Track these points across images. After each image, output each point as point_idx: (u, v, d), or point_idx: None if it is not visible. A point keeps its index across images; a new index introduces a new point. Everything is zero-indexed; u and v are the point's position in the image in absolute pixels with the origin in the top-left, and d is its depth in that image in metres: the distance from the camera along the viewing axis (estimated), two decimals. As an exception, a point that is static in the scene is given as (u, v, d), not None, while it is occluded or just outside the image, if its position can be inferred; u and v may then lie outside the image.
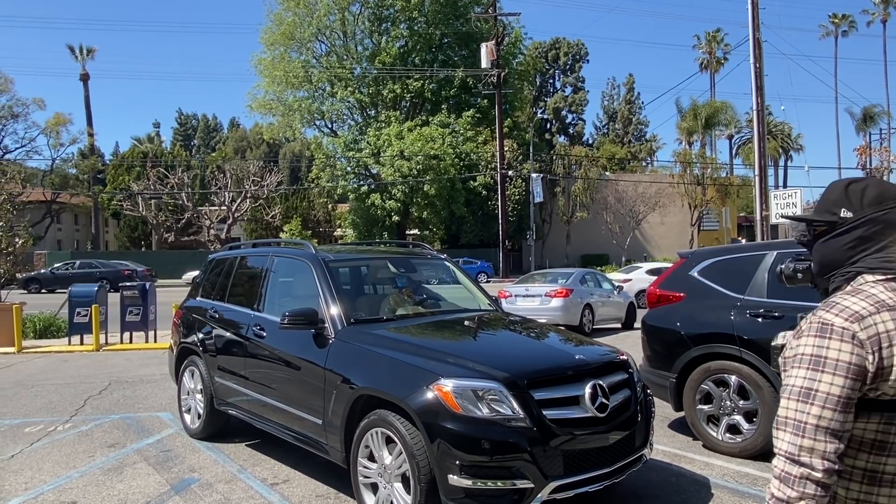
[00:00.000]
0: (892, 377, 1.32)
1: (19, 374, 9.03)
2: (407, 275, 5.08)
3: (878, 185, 1.46)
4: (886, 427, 1.35)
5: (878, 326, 1.33)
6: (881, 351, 1.31)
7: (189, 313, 5.85)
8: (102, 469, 4.82)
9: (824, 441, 1.30)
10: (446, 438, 3.24)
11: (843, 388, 1.30)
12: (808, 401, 1.32)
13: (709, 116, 45.75)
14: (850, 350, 1.31)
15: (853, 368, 1.31)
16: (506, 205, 33.40)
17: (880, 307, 1.35)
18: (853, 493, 1.39)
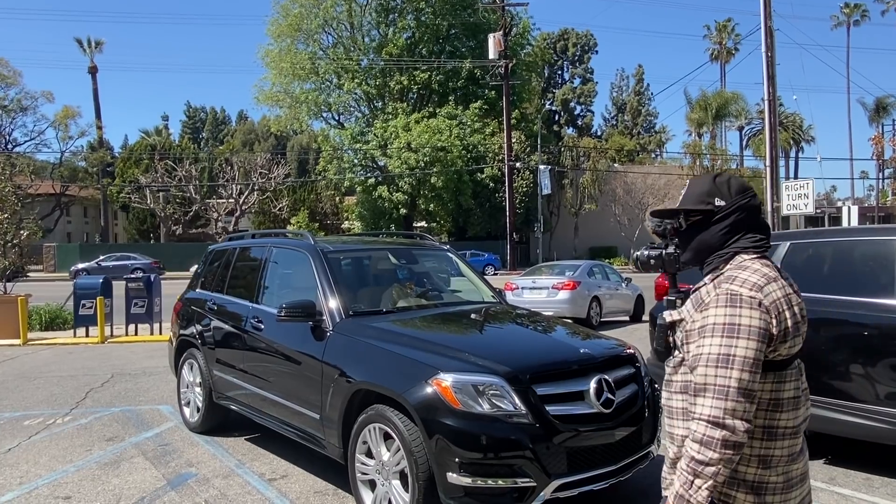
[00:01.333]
0: (787, 341, 1.51)
1: (23, 367, 9.00)
2: (408, 266, 4.96)
3: (737, 178, 1.68)
4: (778, 385, 1.53)
5: (773, 294, 1.51)
6: (780, 315, 1.49)
7: (188, 305, 5.76)
8: (99, 463, 4.75)
9: (744, 402, 1.43)
10: (445, 435, 3.13)
11: (757, 350, 1.45)
12: (727, 366, 1.43)
13: (719, 107, 45.27)
14: (758, 316, 1.46)
15: (763, 333, 1.46)
16: (513, 197, 33.21)
17: (769, 279, 1.53)
18: (756, 449, 1.53)
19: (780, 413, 1.54)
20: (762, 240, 1.63)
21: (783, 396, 1.54)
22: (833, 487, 4.09)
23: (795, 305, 1.56)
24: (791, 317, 1.53)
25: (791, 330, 1.52)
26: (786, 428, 1.55)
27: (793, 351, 1.55)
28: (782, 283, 1.56)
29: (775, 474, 1.55)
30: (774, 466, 1.54)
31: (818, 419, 4.37)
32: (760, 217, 1.67)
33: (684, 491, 1.47)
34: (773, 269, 1.59)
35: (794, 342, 1.54)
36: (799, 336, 1.56)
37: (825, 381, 4.34)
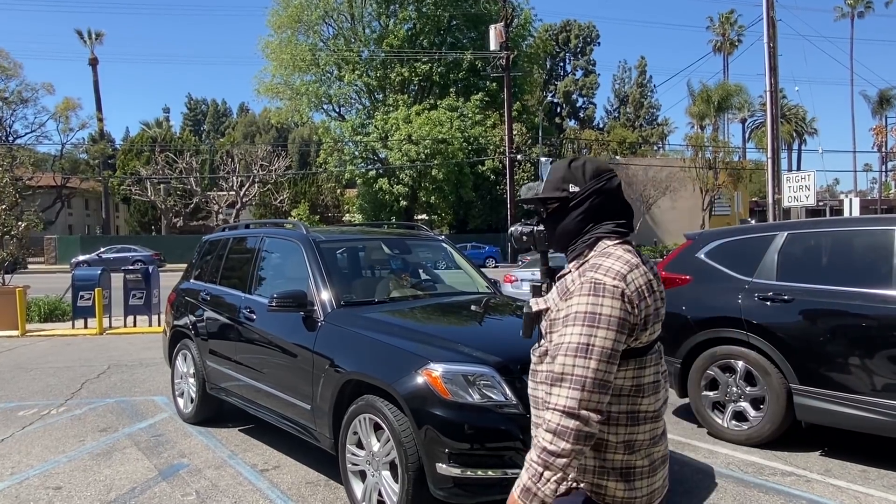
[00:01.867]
0: (647, 328, 1.50)
1: (20, 358, 9.00)
2: (402, 256, 4.92)
3: (593, 161, 1.64)
4: (640, 371, 1.53)
5: (636, 283, 1.48)
6: (641, 303, 1.47)
7: (182, 296, 5.73)
8: (91, 454, 4.73)
9: (599, 394, 1.41)
10: (434, 425, 3.09)
11: (615, 341, 1.43)
12: (586, 356, 1.41)
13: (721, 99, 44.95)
14: (619, 306, 1.43)
15: (623, 323, 1.43)
16: (514, 189, 33.08)
17: (631, 266, 1.50)
18: (621, 435, 1.53)
19: (642, 398, 1.55)
20: (624, 224, 1.61)
21: (644, 382, 1.55)
22: (828, 479, 4.06)
23: (657, 291, 1.56)
24: (652, 303, 1.52)
25: (651, 317, 1.52)
26: (647, 412, 1.56)
27: (653, 337, 1.55)
28: (644, 269, 1.55)
29: (640, 458, 1.55)
30: (639, 450, 1.55)
31: (815, 410, 4.34)
32: (622, 200, 1.63)
33: (532, 483, 1.42)
34: (635, 254, 1.57)
35: (654, 328, 1.54)
36: (659, 322, 1.57)
37: (822, 373, 4.30)
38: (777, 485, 3.98)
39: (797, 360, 4.42)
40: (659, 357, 1.61)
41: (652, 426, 1.57)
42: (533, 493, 1.42)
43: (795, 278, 4.57)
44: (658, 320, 1.56)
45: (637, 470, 1.55)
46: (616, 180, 1.62)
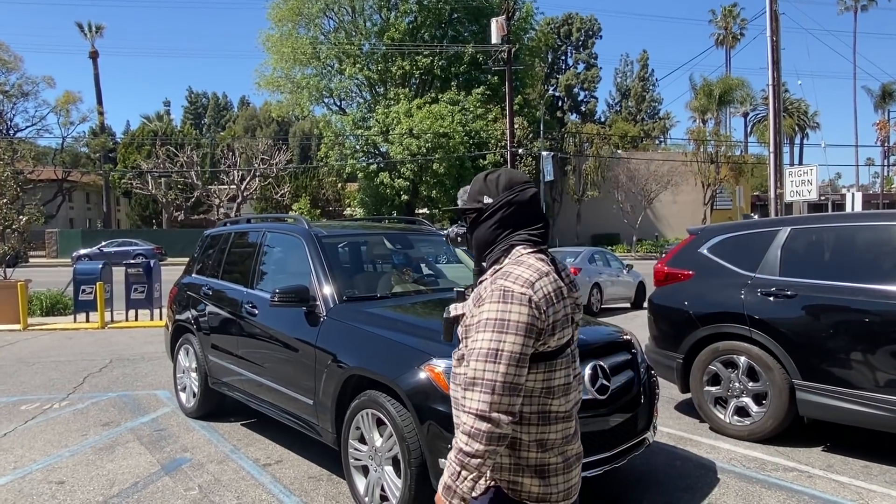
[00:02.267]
0: (556, 333, 1.56)
1: (22, 352, 9.01)
2: (404, 251, 4.91)
3: (508, 174, 1.71)
4: (550, 374, 1.59)
5: (544, 290, 1.54)
6: (548, 310, 1.53)
7: (183, 290, 5.73)
8: (94, 448, 4.74)
9: (509, 396, 1.47)
10: (437, 421, 3.09)
11: (524, 346, 1.49)
12: (495, 360, 1.47)
13: (723, 93, 44.81)
14: (527, 312, 1.49)
15: (530, 328, 1.49)
16: (515, 183, 32.97)
17: (541, 274, 1.57)
18: (532, 434, 1.59)
19: (553, 399, 1.61)
20: (538, 233, 1.67)
21: (554, 384, 1.61)
22: (831, 475, 4.06)
23: (567, 298, 1.63)
24: (561, 310, 1.58)
25: (560, 323, 1.58)
26: (558, 412, 1.63)
27: (562, 342, 1.60)
28: (554, 277, 1.61)
29: (554, 456, 1.62)
30: (551, 448, 1.62)
31: (818, 406, 4.34)
32: (535, 210, 1.70)
33: (451, 482, 1.52)
34: (547, 263, 1.64)
35: (563, 334, 1.60)
36: (568, 327, 1.62)
37: (824, 369, 4.30)
38: (780, 480, 3.98)
39: (800, 355, 4.41)
40: (571, 360, 1.66)
41: (564, 426, 1.64)
42: (453, 490, 1.52)
43: (798, 274, 4.56)
44: (567, 326, 1.61)
45: (551, 467, 1.62)
46: (529, 192, 1.69)
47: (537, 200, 1.71)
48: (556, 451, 1.62)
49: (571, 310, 1.64)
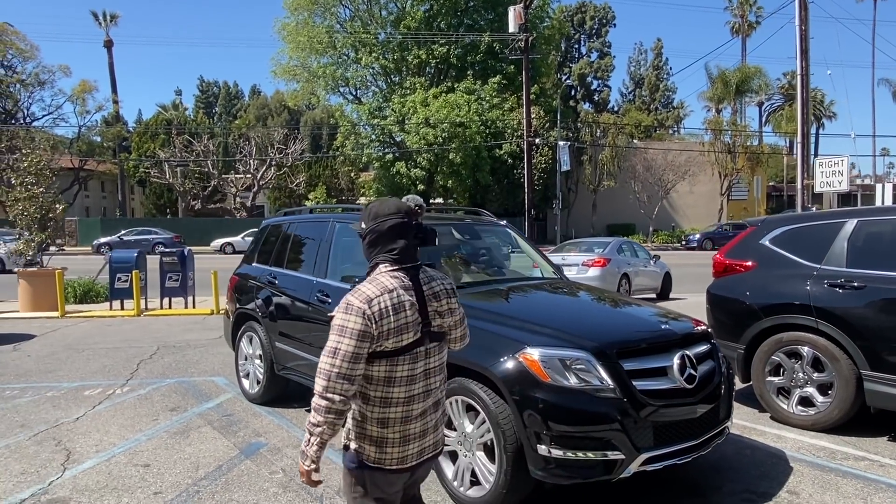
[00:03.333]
0: (390, 338, 1.98)
1: (67, 338, 9.16)
2: (471, 241, 4.96)
3: (378, 206, 2.14)
4: (391, 368, 2.02)
5: (379, 304, 1.97)
6: (381, 321, 1.96)
7: (246, 279, 5.82)
8: (168, 432, 4.86)
9: (342, 383, 1.94)
10: (535, 408, 3.16)
11: (355, 347, 1.94)
12: (333, 357, 1.95)
13: (740, 83, 44.38)
14: (361, 322, 1.94)
15: (363, 334, 1.94)
16: (532, 173, 32.95)
17: (384, 291, 2.00)
18: (376, 413, 2.05)
19: (393, 387, 2.04)
20: (397, 252, 2.08)
21: (396, 375, 2.03)
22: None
23: (408, 311, 2.02)
24: (395, 321, 1.99)
25: (394, 331, 1.99)
26: (398, 398, 2.05)
27: (400, 344, 2.01)
28: (399, 293, 2.02)
29: (392, 432, 2.06)
30: (391, 426, 2.06)
31: (887, 397, 4.38)
32: (395, 236, 2.09)
33: (304, 447, 2.00)
34: (397, 278, 2.05)
35: (402, 338, 2.01)
36: (407, 333, 2.02)
37: (894, 359, 4.33)
38: (853, 469, 4.04)
39: (868, 346, 4.44)
40: (417, 358, 2.07)
41: (404, 409, 2.06)
42: (305, 453, 2.00)
43: (866, 265, 4.59)
44: (405, 333, 2.02)
45: (388, 440, 2.06)
46: (389, 223, 2.09)
47: (397, 228, 2.08)
48: (396, 428, 2.06)
49: (410, 321, 2.02)
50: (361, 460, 2.08)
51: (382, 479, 2.09)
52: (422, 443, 2.14)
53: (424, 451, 2.15)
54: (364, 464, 2.08)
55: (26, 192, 11.91)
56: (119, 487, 3.84)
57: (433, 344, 2.13)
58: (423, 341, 2.09)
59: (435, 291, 2.14)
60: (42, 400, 5.79)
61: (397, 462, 2.08)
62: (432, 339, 2.12)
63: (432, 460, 2.22)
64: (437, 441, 2.22)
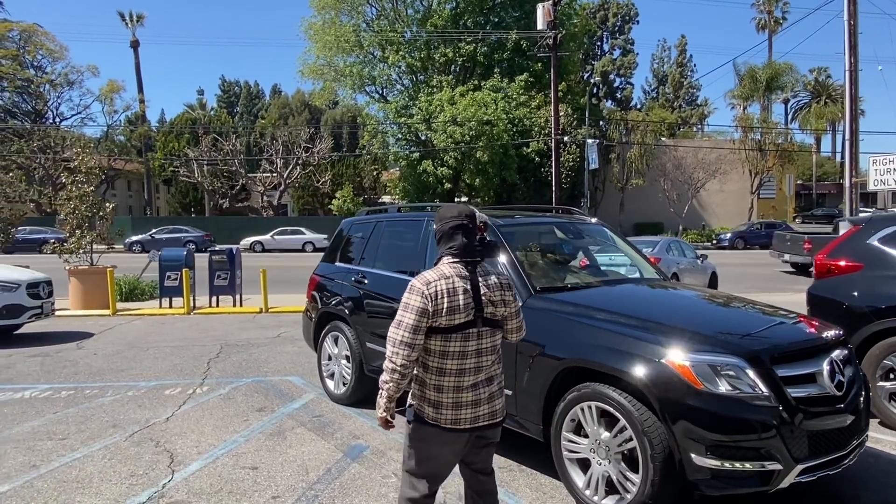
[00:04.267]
0: (443, 316, 2.37)
1: (126, 336, 9.18)
2: (573, 241, 4.84)
3: (444, 211, 2.60)
4: (444, 343, 2.41)
5: (436, 287, 2.39)
6: (436, 301, 2.37)
7: (329, 279, 5.74)
8: (264, 433, 4.79)
9: (405, 349, 2.36)
10: (688, 416, 3.03)
11: (415, 320, 2.35)
12: (398, 328, 2.38)
13: (769, 79, 43.73)
14: (420, 300, 2.36)
15: (421, 310, 2.35)
16: (559, 171, 32.68)
17: (441, 277, 2.42)
18: (433, 380, 2.44)
19: (447, 360, 2.43)
20: (456, 248, 2.50)
21: (449, 349, 2.42)
22: None
23: (460, 295, 2.41)
24: (448, 302, 2.38)
25: (447, 310, 2.38)
26: (451, 369, 2.44)
27: (452, 323, 2.40)
28: (454, 280, 2.43)
29: (446, 397, 2.45)
30: (445, 393, 2.45)
31: None
32: (458, 234, 2.51)
33: (378, 399, 2.48)
34: (455, 268, 2.46)
35: (453, 318, 2.39)
36: (459, 314, 2.40)
37: None
38: None
39: None
40: (469, 337, 2.43)
41: (456, 379, 2.44)
42: (378, 404, 2.48)
43: None
44: (457, 314, 2.39)
45: (443, 404, 2.45)
46: (450, 224, 2.54)
47: (458, 229, 2.51)
48: (448, 395, 2.45)
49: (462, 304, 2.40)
50: (421, 417, 2.49)
51: (438, 435, 2.47)
52: (475, 411, 2.48)
53: (479, 418, 2.49)
54: (423, 420, 2.48)
55: (77, 190, 12.00)
56: (235, 491, 3.77)
57: (485, 328, 2.49)
58: (476, 324, 2.45)
59: (489, 284, 2.51)
60: (125, 399, 5.77)
61: (451, 423, 2.45)
62: (485, 324, 2.48)
63: (488, 428, 2.53)
64: (493, 412, 2.54)
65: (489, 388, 2.51)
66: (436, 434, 2.45)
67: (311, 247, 32.20)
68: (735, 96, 45.05)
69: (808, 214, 44.48)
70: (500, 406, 2.57)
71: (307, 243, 32.39)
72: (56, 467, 4.14)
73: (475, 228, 2.55)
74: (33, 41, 45.25)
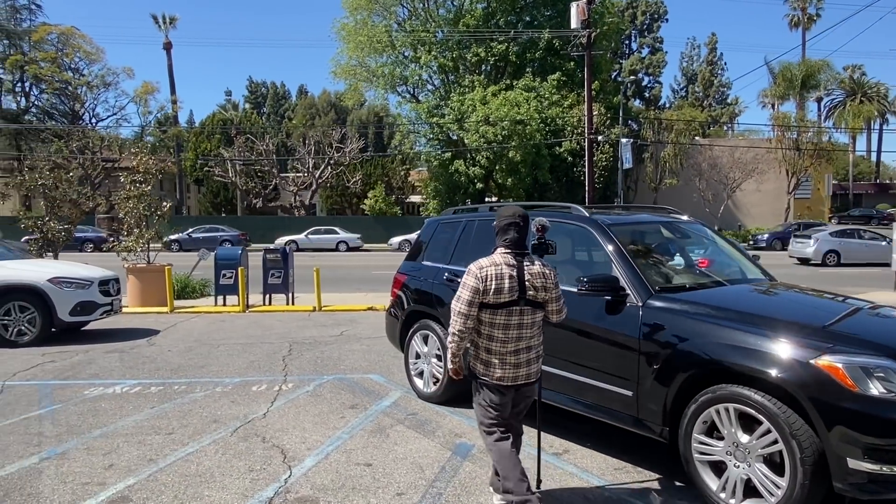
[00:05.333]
0: (490, 295, 3.11)
1: (192, 333, 9.31)
2: (680, 240, 4.79)
3: (501, 211, 3.34)
4: (492, 316, 3.16)
5: (487, 271, 3.13)
6: (486, 282, 3.10)
7: (417, 278, 5.75)
8: (366, 430, 4.82)
9: (462, 318, 3.15)
10: (844, 419, 2.97)
11: (470, 296, 3.12)
12: (457, 301, 3.15)
13: (805, 77, 42.96)
14: (474, 280, 3.12)
15: (475, 289, 3.11)
16: (593, 171, 32.44)
17: (492, 264, 3.16)
18: (483, 344, 3.23)
19: (495, 330, 3.19)
20: (508, 241, 3.23)
21: (496, 322, 3.17)
22: None
23: (506, 280, 3.13)
24: (495, 284, 3.11)
25: (494, 290, 3.11)
26: (498, 337, 3.19)
27: (498, 301, 3.13)
28: (503, 267, 3.16)
29: (494, 359, 3.23)
30: (493, 355, 3.22)
31: None
32: (513, 229, 3.23)
33: (447, 354, 3.36)
34: (505, 258, 3.20)
35: (499, 297, 3.12)
36: (503, 294, 3.12)
37: None
38: None
39: None
40: (513, 313, 3.17)
41: (501, 345, 3.20)
42: (447, 358, 3.35)
43: None
44: (501, 295, 3.13)
45: (492, 364, 3.23)
46: (504, 222, 3.27)
47: (511, 226, 3.24)
48: (496, 357, 3.22)
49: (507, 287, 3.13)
50: (476, 374, 3.31)
51: (490, 391, 3.28)
52: (516, 372, 3.25)
53: (518, 378, 3.26)
54: (477, 376, 3.31)
55: (136, 190, 12.22)
56: (358, 487, 3.79)
57: (527, 307, 3.19)
58: (518, 303, 3.16)
59: (533, 272, 3.20)
60: (215, 395, 5.85)
61: (496, 380, 3.24)
62: (526, 304, 3.18)
63: (526, 386, 3.31)
64: (530, 374, 3.31)
65: (528, 355, 3.26)
66: (486, 388, 3.28)
67: (344, 246, 32.41)
68: (770, 95, 44.36)
69: (845, 215, 43.53)
70: (536, 369, 3.33)
71: (340, 242, 32.62)
72: (173, 461, 4.21)
73: (526, 227, 3.24)
74: (71, 44, 46.21)
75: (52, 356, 7.61)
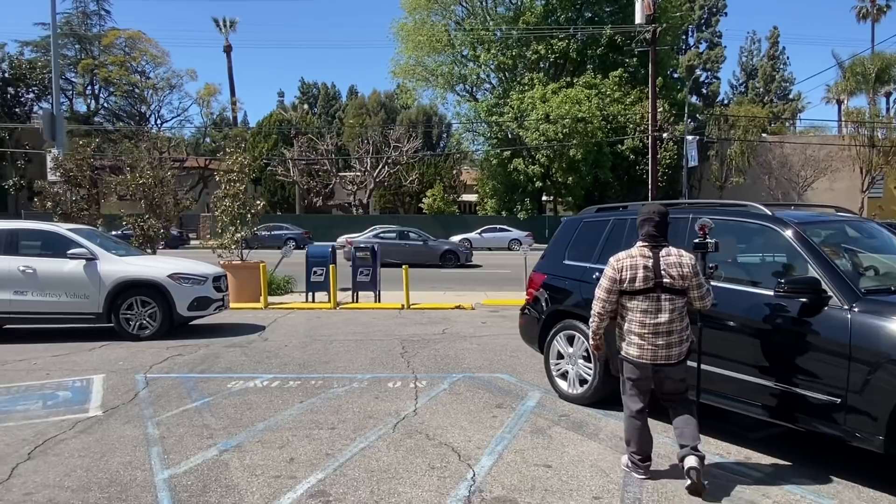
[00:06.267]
0: (627, 282, 3.72)
1: (297, 329, 9.47)
2: (867, 240, 4.57)
3: (645, 207, 3.91)
4: (630, 300, 3.75)
5: (623, 262, 3.77)
6: (622, 271, 3.74)
7: (560, 277, 5.67)
8: (524, 430, 4.78)
9: (602, 302, 3.84)
10: None
11: (609, 283, 3.80)
12: (599, 288, 3.87)
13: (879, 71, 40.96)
14: (612, 270, 3.79)
15: (612, 278, 3.78)
16: (656, 169, 31.75)
17: (628, 256, 3.79)
18: (625, 325, 3.80)
19: (634, 313, 3.73)
20: (645, 235, 3.79)
21: (629, 307, 3.75)
22: None
23: (640, 270, 3.68)
24: (630, 272, 3.69)
25: (629, 279, 3.69)
26: (636, 320, 3.72)
27: (633, 287, 3.69)
28: (637, 258, 3.73)
29: (635, 338, 3.73)
30: (633, 335, 3.74)
31: None
32: (649, 224, 3.79)
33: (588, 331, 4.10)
34: (646, 250, 3.75)
35: (634, 284, 3.68)
36: (638, 282, 3.68)
37: None
38: None
39: None
40: (650, 298, 3.68)
41: (639, 327, 3.70)
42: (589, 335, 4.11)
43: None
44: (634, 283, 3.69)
45: (633, 343, 3.74)
46: (643, 218, 3.83)
47: (647, 221, 3.78)
48: (636, 337, 3.71)
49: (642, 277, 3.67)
50: (621, 353, 3.83)
51: (629, 366, 3.78)
52: (654, 351, 3.67)
53: (657, 357, 3.68)
54: (622, 355, 3.82)
55: (231, 188, 12.54)
56: (550, 489, 3.74)
57: (665, 293, 3.66)
58: (655, 290, 3.66)
59: (669, 262, 3.69)
60: (355, 391, 5.90)
61: (636, 358, 3.73)
62: (663, 290, 3.66)
63: (666, 367, 3.70)
64: (670, 355, 3.69)
65: (668, 338, 3.66)
66: (628, 365, 3.78)
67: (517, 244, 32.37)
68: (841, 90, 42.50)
69: (921, 215, 41.40)
70: (677, 352, 3.68)
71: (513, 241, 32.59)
72: (350, 456, 4.25)
73: (663, 222, 3.75)
74: (138, 48, 48.05)
75: (176, 350, 7.85)
